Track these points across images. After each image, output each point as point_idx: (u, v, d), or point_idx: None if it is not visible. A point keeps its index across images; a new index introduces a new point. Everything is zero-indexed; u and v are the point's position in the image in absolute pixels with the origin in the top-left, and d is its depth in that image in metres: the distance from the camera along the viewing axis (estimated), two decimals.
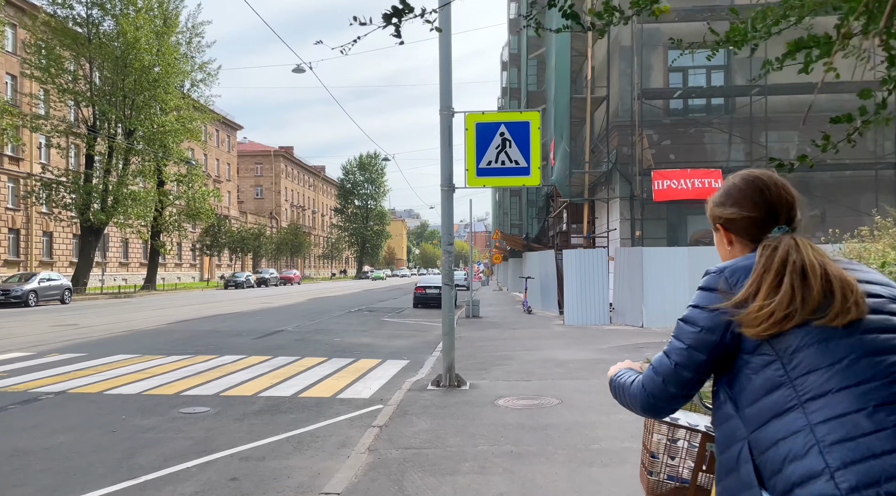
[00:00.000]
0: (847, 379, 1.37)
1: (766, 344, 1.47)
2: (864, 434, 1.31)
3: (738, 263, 1.61)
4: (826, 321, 1.43)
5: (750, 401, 1.47)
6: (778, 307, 1.45)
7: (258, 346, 14.14)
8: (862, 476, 1.27)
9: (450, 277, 8.60)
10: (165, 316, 22.87)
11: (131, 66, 38.11)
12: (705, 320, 1.58)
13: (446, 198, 8.59)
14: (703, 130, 18.95)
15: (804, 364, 1.42)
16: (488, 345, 14.01)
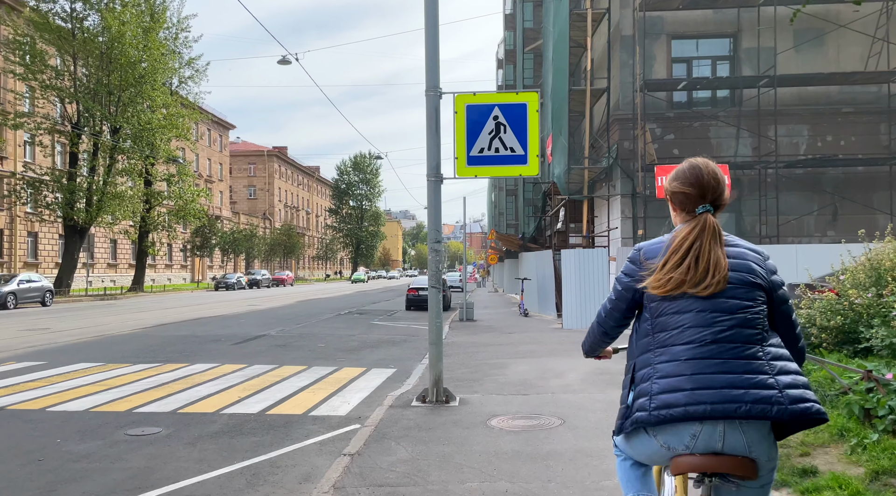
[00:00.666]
0: (686, 336, 2.17)
1: (648, 307, 2.31)
2: (675, 375, 2.12)
3: (651, 244, 2.44)
4: (697, 292, 2.19)
5: (638, 338, 2.37)
6: (674, 279, 2.22)
7: (234, 353, 13.16)
8: (661, 403, 2.09)
9: (437, 279, 7.64)
10: (145, 319, 21.85)
11: (116, 61, 37.08)
12: (624, 284, 2.43)
13: (433, 189, 7.63)
14: (708, 124, 18.02)
15: (659, 325, 2.26)
16: (482, 352, 13.05)
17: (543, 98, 22.66)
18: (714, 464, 2.06)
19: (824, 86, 17.51)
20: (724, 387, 2.03)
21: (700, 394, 2.03)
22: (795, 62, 17.54)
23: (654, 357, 2.19)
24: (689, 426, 2.06)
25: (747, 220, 17.83)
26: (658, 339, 2.21)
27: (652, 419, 2.09)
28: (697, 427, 2.05)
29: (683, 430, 2.07)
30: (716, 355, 2.10)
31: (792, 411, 2.01)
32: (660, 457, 2.21)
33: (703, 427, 2.05)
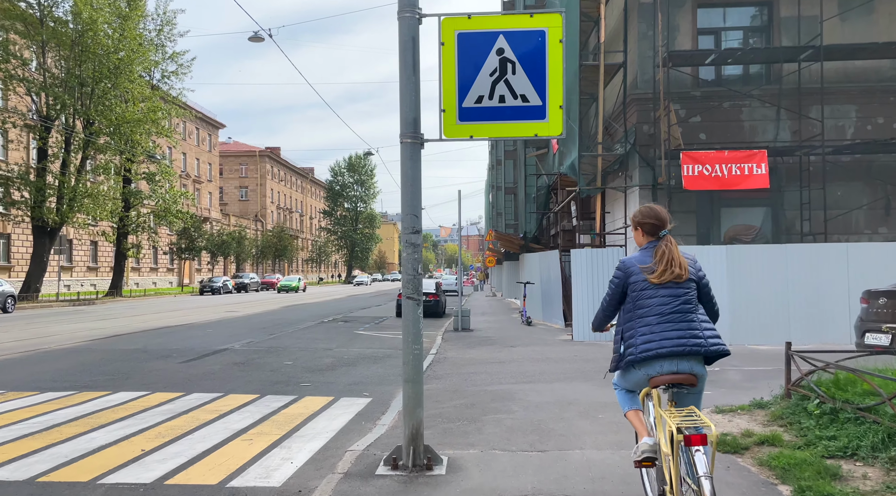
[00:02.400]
0: (651, 309, 3.67)
1: (631, 295, 3.79)
2: (649, 334, 3.63)
3: (631, 259, 3.87)
4: (671, 279, 3.68)
5: (624, 314, 3.85)
6: (667, 274, 3.68)
7: (177, 376, 10.75)
8: (643, 349, 3.62)
9: (416, 286, 5.25)
10: (101, 329, 19.41)
11: (88, 50, 34.66)
12: (616, 283, 3.89)
13: (409, 156, 5.26)
14: (740, 105, 15.66)
15: (639, 305, 3.72)
16: (479, 373, 10.66)
17: None
18: (674, 378, 3.59)
19: (875, 59, 15.16)
20: (676, 338, 3.61)
21: (664, 342, 3.61)
22: (840, 32, 15.21)
23: (637, 325, 3.73)
24: (658, 361, 3.63)
25: (788, 214, 15.46)
26: (638, 314, 3.74)
27: (638, 358, 3.66)
28: (663, 361, 3.62)
29: (655, 364, 3.63)
30: (672, 321, 3.66)
31: (711, 350, 3.66)
32: (642, 382, 3.79)
33: (665, 361, 3.61)
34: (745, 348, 13.10)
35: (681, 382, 3.55)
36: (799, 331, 13.59)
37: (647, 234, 3.88)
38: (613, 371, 3.98)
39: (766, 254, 13.84)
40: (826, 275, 13.71)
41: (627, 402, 3.97)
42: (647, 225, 3.88)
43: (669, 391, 3.62)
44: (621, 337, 3.83)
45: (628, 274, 3.80)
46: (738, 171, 13.95)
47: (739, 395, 7.96)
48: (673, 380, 3.55)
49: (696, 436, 3.26)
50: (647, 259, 3.75)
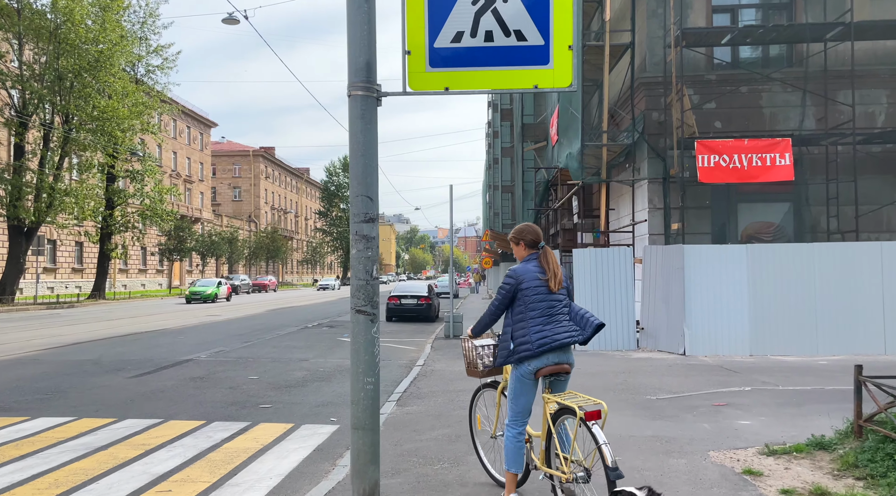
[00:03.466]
0: (542, 312, 4.21)
1: (522, 297, 4.25)
2: (540, 331, 4.17)
3: (519, 268, 4.35)
4: (551, 288, 4.26)
5: (513, 316, 4.30)
6: (555, 281, 4.26)
7: (120, 395, 9.28)
8: (537, 344, 4.14)
9: (369, 295, 3.77)
10: (63, 335, 17.91)
11: (66, 42, 33.13)
12: (507, 290, 4.30)
13: (360, 113, 3.78)
14: (759, 89, 14.21)
15: (530, 308, 4.21)
16: (470, 391, 9.16)
17: None
18: (555, 369, 4.19)
19: None
20: (564, 333, 4.18)
21: (556, 337, 4.15)
22: (870, 8, 13.78)
23: (529, 324, 4.20)
24: (549, 354, 4.16)
25: (813, 210, 14.00)
26: (530, 315, 4.20)
27: (535, 352, 4.14)
28: (552, 354, 4.16)
29: (545, 356, 4.16)
30: (556, 321, 4.21)
31: (582, 339, 4.23)
32: (526, 373, 4.24)
33: (553, 353, 4.16)
34: (769, 360, 11.66)
35: (562, 371, 4.23)
36: (827, 339, 12.17)
37: (529, 247, 4.43)
38: (502, 365, 4.52)
39: (792, 254, 12.39)
40: (857, 278, 12.28)
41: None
42: (529, 240, 4.42)
43: (548, 379, 4.27)
44: (511, 336, 4.28)
45: (520, 281, 4.27)
46: (760, 161, 12.50)
47: (787, 426, 6.50)
48: (557, 370, 4.19)
49: (594, 411, 3.79)
50: (536, 269, 4.31)
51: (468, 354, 4.80)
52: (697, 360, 11.72)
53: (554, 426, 4.07)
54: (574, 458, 3.95)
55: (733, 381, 9.38)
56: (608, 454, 3.60)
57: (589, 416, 3.75)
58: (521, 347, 4.15)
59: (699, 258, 12.37)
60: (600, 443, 3.65)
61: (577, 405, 3.82)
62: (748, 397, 8.07)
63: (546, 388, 4.25)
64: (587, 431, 3.75)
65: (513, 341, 4.22)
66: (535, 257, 4.33)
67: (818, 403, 7.60)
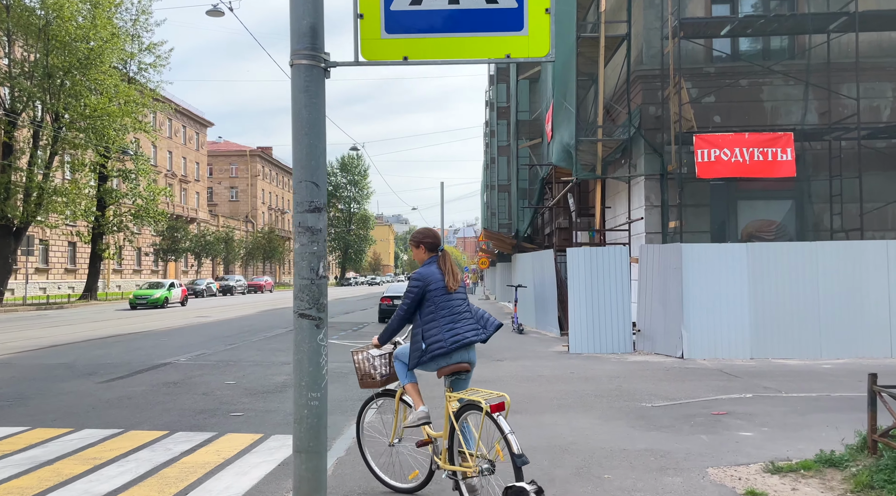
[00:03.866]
0: (450, 310, 4.34)
1: (431, 298, 4.34)
2: (451, 330, 4.28)
3: (423, 271, 4.43)
4: (452, 289, 4.38)
5: (423, 317, 4.36)
6: (454, 281, 4.40)
7: (84, 402, 8.77)
8: (450, 342, 4.25)
9: (314, 297, 3.27)
10: (42, 338, 17.40)
11: (56, 39, 32.60)
12: (415, 291, 4.37)
13: (304, 86, 3.29)
14: (760, 82, 13.71)
15: (440, 309, 4.32)
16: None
17: (542, 63, 18.33)
18: (459, 367, 4.31)
19: None
20: (467, 332, 4.32)
21: (465, 334, 4.29)
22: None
23: (440, 324, 4.30)
24: (457, 351, 4.28)
25: (815, 208, 13.50)
26: (440, 315, 4.31)
27: (448, 349, 4.24)
28: (458, 352, 4.28)
29: (455, 354, 4.27)
30: (463, 320, 4.36)
31: (485, 337, 4.38)
32: (431, 372, 4.40)
33: (461, 351, 4.30)
34: (770, 363, 11.16)
35: (464, 370, 4.35)
36: (831, 342, 11.68)
37: (429, 250, 4.54)
38: (415, 367, 4.44)
39: (794, 253, 11.90)
40: (863, 278, 11.79)
41: (408, 376, 4.59)
42: (429, 243, 4.55)
43: (450, 378, 4.34)
44: (422, 336, 4.33)
45: (427, 283, 4.37)
46: (762, 155, 12.00)
47: (792, 439, 5.99)
48: (460, 368, 4.31)
49: (498, 403, 3.93)
50: (437, 271, 4.42)
51: (361, 366, 4.89)
52: (696, 364, 11.22)
53: (457, 423, 4.18)
54: (478, 453, 4.04)
55: (734, 387, 8.88)
56: (514, 442, 3.76)
57: (494, 409, 3.88)
58: (434, 346, 4.27)
59: (698, 257, 11.88)
60: (506, 433, 3.80)
61: (482, 399, 3.97)
62: (749, 405, 7.56)
63: (448, 387, 4.37)
64: (493, 424, 3.88)
65: (424, 341, 4.32)
66: (434, 260, 4.51)
67: (825, 412, 7.10)
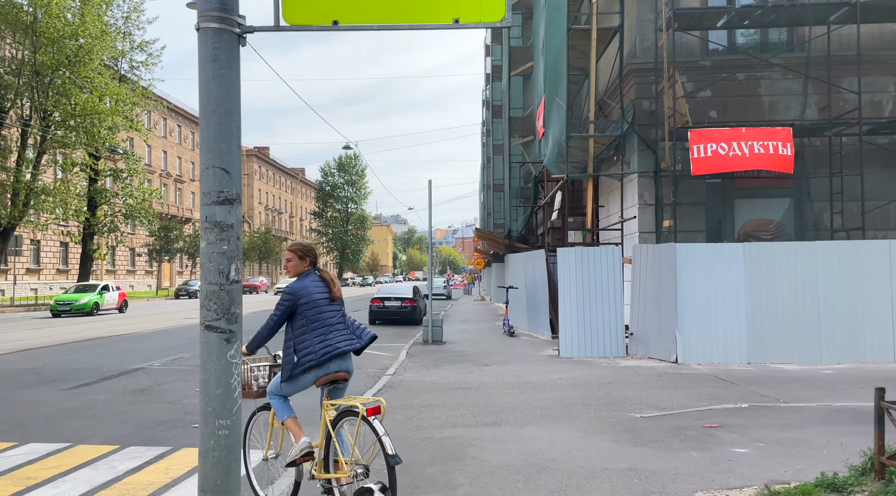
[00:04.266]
0: (322, 323, 4.39)
1: (302, 310, 4.38)
2: (323, 341, 4.35)
3: (297, 284, 4.47)
4: (332, 298, 4.51)
5: (295, 330, 4.38)
6: (337, 292, 4.55)
7: (41, 411, 8.28)
8: (321, 353, 4.31)
9: (223, 306, 2.75)
10: (16, 341, 16.89)
11: (43, 36, 32.07)
12: (285, 305, 4.38)
13: (213, 54, 2.77)
14: (757, 76, 13.22)
15: (311, 320, 4.36)
16: (435, 406, 8.17)
17: (534, 57, 17.85)
18: (335, 376, 4.38)
19: None
20: (344, 341, 4.43)
21: (338, 345, 4.38)
22: None
23: (312, 336, 4.34)
24: (331, 362, 4.36)
25: (815, 207, 13.01)
26: (311, 327, 4.36)
27: (319, 361, 4.30)
28: (333, 362, 4.36)
29: (329, 364, 4.35)
30: (336, 331, 4.44)
31: (358, 347, 4.50)
32: (308, 385, 4.42)
33: (335, 361, 4.37)
34: (768, 368, 10.67)
35: (341, 379, 4.46)
36: (831, 346, 11.19)
37: (311, 263, 4.63)
38: (287, 380, 4.43)
39: (793, 253, 11.40)
40: (864, 279, 11.29)
41: (286, 411, 4.55)
42: (313, 256, 4.66)
43: (327, 388, 4.45)
44: (294, 348, 4.39)
45: (298, 297, 4.42)
46: (762, 148, 11.49)
47: (790, 457, 5.48)
48: (337, 377, 4.41)
49: (374, 407, 4.08)
50: (314, 283, 4.52)
51: (242, 376, 4.84)
52: (690, 369, 10.72)
53: (333, 431, 4.31)
54: (353, 459, 4.18)
55: (729, 395, 8.38)
56: (387, 443, 3.92)
57: (370, 412, 4.03)
58: (306, 358, 4.34)
59: (692, 258, 11.39)
60: (380, 435, 3.95)
61: (360, 403, 4.12)
62: (745, 417, 7.06)
63: (325, 397, 4.44)
64: (369, 427, 4.02)
65: (296, 354, 4.37)
66: (312, 272, 4.59)
67: (826, 425, 6.60)
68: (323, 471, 4.35)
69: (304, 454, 4.36)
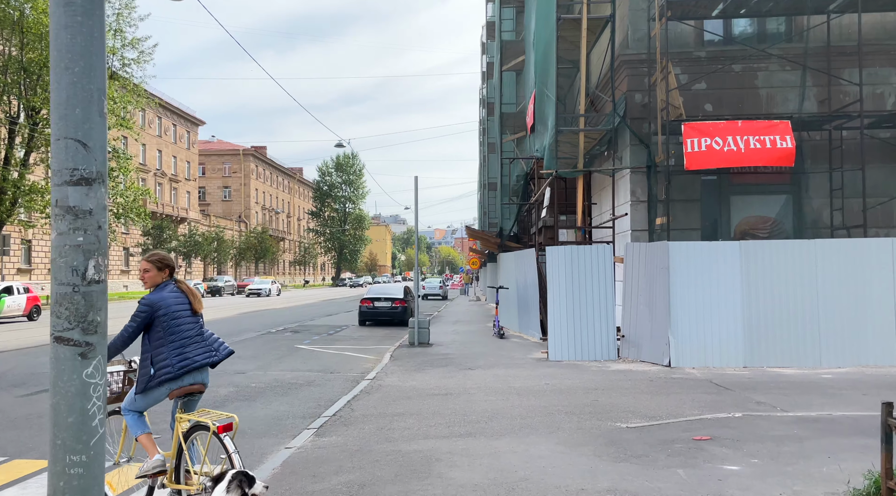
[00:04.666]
0: (181, 335, 4.37)
1: (160, 321, 4.34)
2: (181, 354, 4.33)
3: (153, 296, 4.38)
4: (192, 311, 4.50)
5: (152, 341, 4.33)
6: (194, 304, 4.53)
7: None
8: (178, 367, 4.29)
9: (78, 312, 2.21)
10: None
11: (30, 31, 31.56)
12: (142, 316, 4.30)
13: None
14: (755, 68, 12.69)
15: (168, 331, 4.32)
16: (410, 415, 7.66)
17: (526, 51, 17.33)
18: (191, 389, 4.37)
19: None
20: (197, 356, 4.39)
21: (192, 359, 4.34)
22: None
23: (169, 348, 4.30)
24: (188, 375, 4.33)
25: (814, 203, 12.49)
26: (169, 340, 4.31)
27: (177, 374, 4.26)
28: (189, 375, 4.34)
29: (186, 377, 4.32)
30: (194, 344, 4.42)
31: (215, 361, 4.52)
32: (161, 398, 4.35)
33: (192, 374, 4.36)
34: (765, 373, 10.15)
35: (196, 391, 4.45)
36: (831, 349, 10.68)
37: (170, 274, 4.56)
38: (142, 392, 4.33)
39: (791, 252, 10.89)
40: (866, 279, 10.78)
41: (140, 427, 4.42)
42: (172, 267, 4.60)
43: (182, 399, 4.43)
44: (150, 360, 4.33)
45: (156, 308, 4.35)
46: (759, 143, 10.97)
47: (787, 476, 4.96)
48: (192, 390, 4.40)
49: (226, 424, 4.09)
50: (172, 295, 4.45)
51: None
52: (684, 373, 10.21)
53: (185, 443, 4.31)
54: (204, 471, 4.22)
55: (723, 403, 7.86)
56: (236, 460, 4.01)
57: (221, 429, 4.06)
58: (163, 371, 4.30)
59: (686, 256, 10.87)
60: (230, 452, 4.04)
61: (211, 420, 4.12)
62: (739, 427, 6.54)
63: (179, 408, 4.43)
64: (220, 443, 4.08)
65: (153, 366, 4.32)
66: (170, 284, 4.51)
67: (826, 437, 6.08)
68: (174, 480, 4.37)
69: (157, 471, 4.36)
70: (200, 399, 4.54)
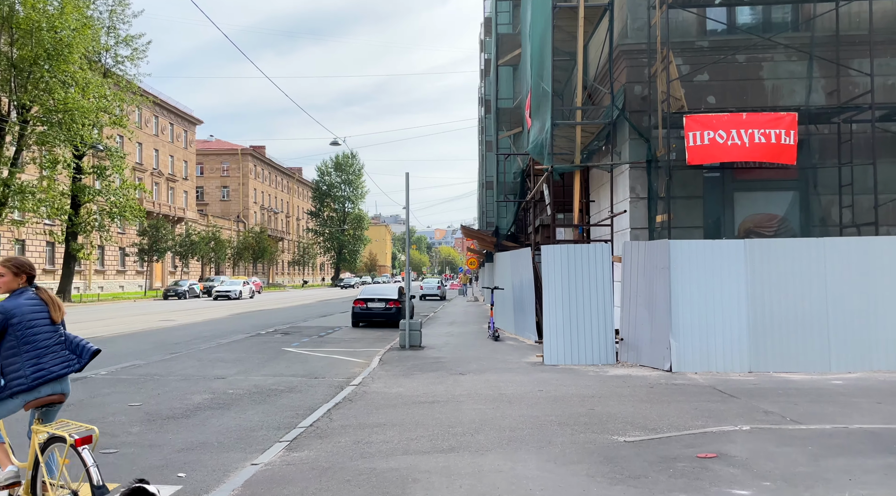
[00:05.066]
0: (36, 345, 4.15)
1: (13, 330, 4.12)
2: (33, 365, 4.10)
3: (8, 303, 4.16)
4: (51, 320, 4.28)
5: (3, 351, 4.11)
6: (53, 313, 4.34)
7: None
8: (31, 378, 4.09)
9: None
10: None
11: (19, 27, 31.06)
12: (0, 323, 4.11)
13: None
14: (759, 59, 12.13)
15: (23, 341, 4.11)
16: (391, 426, 7.11)
17: (522, 43, 16.77)
18: (49, 400, 4.20)
19: None
20: (55, 366, 4.20)
21: (48, 371, 4.16)
22: None
23: (24, 358, 4.11)
24: (44, 386, 4.15)
25: (822, 200, 11.93)
26: (23, 349, 4.11)
27: (31, 385, 4.09)
28: (47, 385, 4.16)
29: (42, 388, 4.15)
30: (51, 354, 4.22)
31: (76, 369, 4.34)
32: (16, 409, 4.16)
33: (49, 385, 4.18)
34: (772, 378, 9.60)
35: (56, 401, 4.28)
36: (841, 353, 10.14)
37: (27, 280, 4.35)
38: None
39: (798, 251, 10.34)
40: (877, 279, 10.24)
41: None
42: (31, 273, 4.38)
43: (39, 410, 4.24)
44: (1, 371, 4.15)
45: (10, 316, 4.14)
46: (764, 138, 10.41)
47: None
48: (51, 400, 4.22)
49: (85, 437, 3.93)
50: (30, 302, 4.25)
51: None
52: (686, 379, 9.65)
53: (42, 455, 4.16)
54: (61, 484, 4.14)
55: (728, 413, 7.31)
56: (95, 474, 3.85)
57: (79, 442, 3.91)
58: (14, 382, 4.14)
59: (688, 256, 10.32)
60: (88, 466, 3.87)
61: (68, 433, 3.96)
62: (747, 442, 5.98)
63: (37, 419, 4.26)
64: (78, 456, 3.92)
65: (4, 377, 4.18)
66: (28, 290, 4.32)
67: (844, 456, 5.52)
68: (31, 492, 4.26)
69: (10, 483, 4.26)
70: (60, 408, 4.41)
